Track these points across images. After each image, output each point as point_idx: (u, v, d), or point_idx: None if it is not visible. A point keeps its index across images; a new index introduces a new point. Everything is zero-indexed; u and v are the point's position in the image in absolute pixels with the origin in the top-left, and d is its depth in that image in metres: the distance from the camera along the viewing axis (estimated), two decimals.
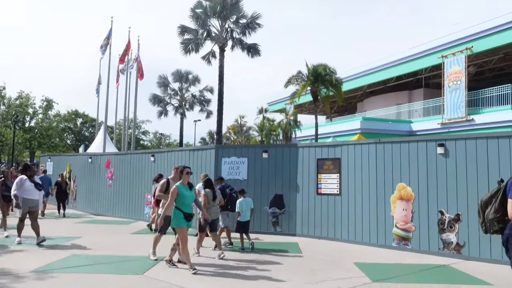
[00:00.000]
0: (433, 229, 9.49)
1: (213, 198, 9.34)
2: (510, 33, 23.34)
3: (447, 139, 9.61)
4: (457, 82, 25.90)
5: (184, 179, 7.77)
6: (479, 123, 24.42)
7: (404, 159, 10.09)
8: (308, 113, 46.61)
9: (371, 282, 7.05)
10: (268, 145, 14.19)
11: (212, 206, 9.31)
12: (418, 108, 31.19)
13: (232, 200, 10.20)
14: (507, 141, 8.69)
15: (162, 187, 8.73)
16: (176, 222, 7.59)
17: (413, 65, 29.86)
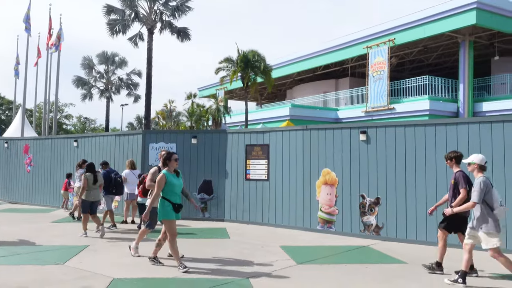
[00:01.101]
0: (355, 212, 9.94)
1: (94, 182, 9.86)
2: (429, 27, 24.74)
3: (369, 127, 10.05)
4: (381, 72, 27.11)
5: (171, 166, 6.95)
6: (400, 112, 25.78)
7: (329, 146, 10.44)
8: (238, 99, 46.76)
9: (296, 264, 7.26)
10: (197, 131, 14.08)
11: (93, 189, 9.88)
12: (344, 96, 32.31)
13: (117, 185, 11.01)
14: (422, 129, 9.26)
15: (153, 176, 7.84)
16: (164, 214, 6.77)
17: (340, 54, 30.81)
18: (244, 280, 6.22)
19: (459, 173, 6.60)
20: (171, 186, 6.81)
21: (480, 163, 6.13)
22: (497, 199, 5.92)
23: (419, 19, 25.12)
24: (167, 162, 6.95)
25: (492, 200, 5.90)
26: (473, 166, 6.20)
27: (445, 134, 8.98)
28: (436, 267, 6.70)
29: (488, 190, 5.92)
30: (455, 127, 8.94)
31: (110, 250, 8.21)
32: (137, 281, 6.12)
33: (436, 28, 24.44)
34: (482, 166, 6.13)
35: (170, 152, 7.07)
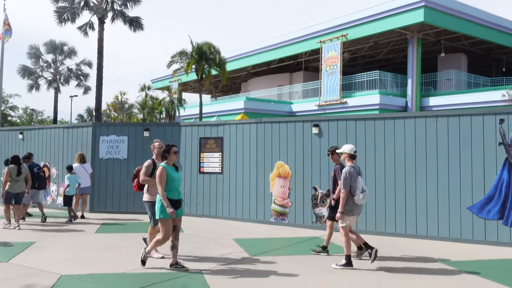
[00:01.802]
0: (307, 204, 10.11)
1: (18, 174, 9.89)
2: (380, 23, 25.43)
3: (321, 120, 10.23)
4: (333, 67, 27.62)
5: (171, 160, 6.42)
6: (352, 106, 26.41)
7: (283, 139, 10.54)
8: (193, 91, 46.30)
9: (249, 256, 7.31)
10: (149, 123, 13.86)
11: (17, 181, 9.90)
12: (298, 90, 32.70)
13: (40, 179, 10.94)
14: (372, 122, 9.52)
15: (147, 170, 7.09)
16: (162, 212, 6.22)
17: (294, 48, 31.13)
18: (197, 274, 6.20)
19: (337, 166, 7.22)
20: (171, 180, 6.29)
21: (350, 153, 6.73)
22: (360, 186, 6.51)
23: (370, 16, 25.76)
24: (166, 155, 6.40)
25: (355, 187, 6.50)
26: (344, 156, 6.81)
27: (393, 128, 9.28)
28: (321, 250, 7.42)
29: (354, 177, 6.51)
30: (403, 121, 9.25)
31: (58, 247, 7.96)
32: (85, 277, 5.96)
33: (386, 25, 25.15)
34: (352, 155, 6.73)
35: (170, 144, 6.49)
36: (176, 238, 6.43)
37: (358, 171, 6.71)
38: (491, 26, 26.09)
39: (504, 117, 8.35)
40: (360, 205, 6.67)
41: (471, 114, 8.76)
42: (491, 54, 30.19)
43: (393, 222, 9.14)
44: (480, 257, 7.31)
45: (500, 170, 8.31)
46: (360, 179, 6.61)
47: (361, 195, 6.49)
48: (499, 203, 8.27)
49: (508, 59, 30.78)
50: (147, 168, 7.12)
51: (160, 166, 6.32)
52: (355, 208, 6.60)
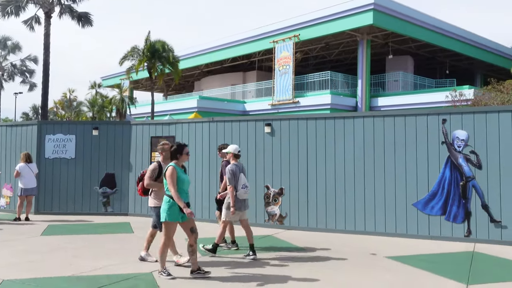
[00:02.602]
0: (259, 202, 10.17)
1: None
2: (331, 25, 25.95)
3: (273, 119, 10.32)
4: (286, 67, 27.93)
5: (182, 160, 6.09)
6: (304, 105, 26.79)
7: (235, 138, 10.54)
8: (145, 89, 45.45)
9: (200, 256, 7.26)
10: (98, 122, 13.50)
11: None
12: (251, 89, 32.83)
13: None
14: (323, 122, 9.70)
15: (153, 173, 6.69)
16: (170, 215, 5.85)
17: (247, 48, 31.22)
18: (147, 274, 6.10)
19: (223, 163, 7.76)
20: (181, 182, 5.92)
21: (234, 152, 7.31)
22: (242, 183, 7.13)
23: (322, 17, 26.24)
24: (177, 156, 6.02)
25: (237, 183, 7.10)
26: (229, 155, 7.37)
27: (343, 127, 9.50)
28: (232, 244, 7.82)
29: (236, 174, 7.10)
30: (352, 120, 9.50)
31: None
32: (29, 282, 5.72)
33: (337, 26, 25.70)
34: (236, 154, 7.32)
35: (182, 144, 6.13)
36: (196, 241, 6.07)
37: (241, 169, 7.28)
38: (436, 30, 27.22)
39: (446, 117, 8.74)
40: (243, 200, 7.22)
41: (416, 114, 9.11)
42: (435, 57, 31.51)
43: (343, 220, 9.35)
44: (423, 251, 7.62)
45: (443, 167, 8.69)
46: (243, 176, 7.21)
47: (243, 190, 7.12)
48: (442, 199, 8.65)
49: (452, 62, 32.23)
50: (153, 172, 6.70)
51: (169, 166, 5.92)
52: (238, 202, 7.11)
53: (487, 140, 8.39)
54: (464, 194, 8.49)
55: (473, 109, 9.17)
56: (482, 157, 8.41)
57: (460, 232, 8.47)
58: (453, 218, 8.55)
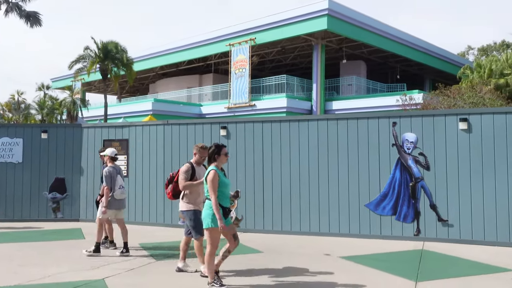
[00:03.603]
0: None
1: None
2: (286, 29, 26.21)
3: (229, 122, 10.31)
4: (242, 70, 27.97)
5: (221, 162, 5.78)
6: (260, 108, 26.91)
7: (191, 141, 10.44)
8: (97, 91, 44.27)
9: (155, 261, 7.16)
10: (48, 125, 13.03)
11: None
12: (207, 92, 32.66)
13: None
14: (278, 125, 9.79)
15: (186, 175, 6.30)
16: (214, 220, 5.52)
17: (204, 50, 31.03)
18: (98, 281, 5.93)
19: (104, 166, 8.01)
20: (223, 186, 5.66)
21: (110, 155, 7.73)
22: (118, 184, 7.57)
23: (278, 21, 26.46)
24: (215, 157, 5.74)
25: (114, 184, 7.53)
26: (107, 158, 7.76)
27: (298, 130, 9.62)
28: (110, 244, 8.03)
29: (113, 176, 7.53)
30: (307, 123, 9.63)
31: None
32: None
33: (293, 31, 26.00)
34: (112, 157, 7.73)
35: (220, 145, 5.84)
36: (234, 249, 5.85)
37: (118, 171, 7.71)
38: (387, 36, 28.06)
39: (396, 120, 9.03)
40: (120, 200, 7.63)
41: (368, 117, 9.36)
42: (387, 62, 32.47)
43: (298, 221, 9.46)
44: (375, 251, 7.82)
45: (393, 169, 8.97)
46: (119, 177, 7.64)
47: (119, 191, 7.54)
48: (392, 200, 8.92)
49: (402, 67, 33.32)
50: (186, 174, 6.33)
51: (211, 170, 5.60)
52: (115, 202, 7.56)
53: (434, 142, 8.73)
54: (413, 195, 8.79)
55: (422, 113, 9.51)
56: (430, 159, 8.74)
57: (410, 232, 8.76)
58: (403, 218, 8.83)
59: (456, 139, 8.61)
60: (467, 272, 6.39)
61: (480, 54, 47.59)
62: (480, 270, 6.51)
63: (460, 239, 8.41)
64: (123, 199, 7.71)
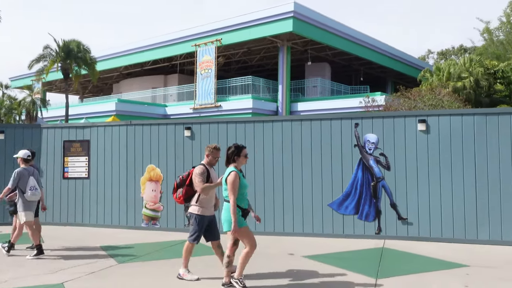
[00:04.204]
0: (180, 207, 10.02)
1: None
2: (252, 30, 26.29)
3: (193, 123, 10.25)
4: (208, 71, 27.86)
5: (240, 164, 5.76)
6: (226, 109, 26.87)
7: (154, 141, 10.33)
8: (59, 91, 43.11)
9: (117, 264, 7.03)
10: (5, 125, 12.58)
11: None
12: (173, 92, 32.35)
13: None
14: (243, 125, 9.81)
15: (203, 177, 6.07)
16: (238, 222, 5.51)
17: (169, 50, 30.74)
18: (57, 285, 5.78)
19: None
20: (242, 188, 5.65)
21: (23, 157, 7.76)
22: (30, 185, 7.55)
23: (244, 22, 26.52)
24: (235, 158, 5.71)
25: (25, 185, 7.52)
26: (19, 159, 7.81)
27: (262, 131, 9.67)
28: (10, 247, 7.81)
29: (21, 177, 7.53)
30: (271, 124, 9.70)
31: None
32: None
33: (259, 32, 26.11)
34: (25, 159, 7.77)
35: (240, 146, 5.81)
36: (234, 253, 5.73)
37: (31, 172, 7.68)
38: (351, 39, 28.59)
39: (358, 122, 9.21)
40: (32, 202, 7.60)
41: (331, 118, 9.51)
42: (351, 64, 33.08)
43: (262, 221, 9.49)
44: (338, 249, 7.95)
45: (356, 169, 9.15)
46: (32, 178, 7.61)
47: (30, 192, 7.49)
48: (355, 199, 9.10)
49: (366, 70, 34.01)
50: (203, 176, 6.07)
51: (232, 172, 5.57)
52: (29, 204, 7.55)
53: (394, 143, 8.96)
54: (375, 194, 8.99)
55: (382, 114, 9.75)
56: (390, 159, 8.96)
57: (371, 230, 8.96)
58: (365, 217, 9.01)
59: (415, 139, 8.86)
60: (425, 268, 6.59)
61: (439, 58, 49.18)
62: (437, 266, 6.72)
63: (419, 236, 8.66)
64: (35, 200, 7.68)
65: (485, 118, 8.57)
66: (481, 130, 8.53)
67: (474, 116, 8.67)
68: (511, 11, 42.71)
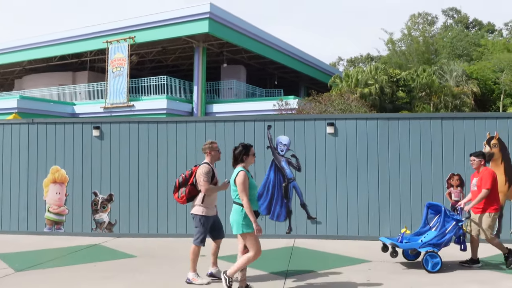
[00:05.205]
0: (86, 210, 9.56)
1: None
2: (167, 29, 25.82)
3: (102, 122, 9.81)
4: (121, 69, 26.90)
5: (248, 163, 5.50)
6: (139, 109, 26.10)
7: (59, 141, 9.75)
8: None
9: (14, 272, 6.53)
10: None
11: None
12: (82, 90, 30.79)
13: None
14: (155, 126, 9.58)
15: (208, 176, 5.86)
16: (247, 225, 5.25)
17: (78, 46, 29.21)
18: None
19: None
20: (252, 188, 5.39)
21: None
22: None
23: (159, 21, 25.96)
24: (243, 158, 5.46)
25: None
26: None
27: (175, 131, 9.52)
28: None
29: None
30: (185, 125, 9.57)
31: None
32: None
33: (174, 32, 25.71)
34: None
35: (247, 145, 5.55)
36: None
37: None
38: (266, 43, 29.15)
39: (271, 124, 9.40)
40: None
41: (245, 120, 9.61)
42: (266, 68, 33.73)
43: (174, 224, 9.34)
44: None
45: (268, 170, 9.32)
46: None
47: None
48: (267, 200, 9.26)
49: (280, 74, 34.88)
50: (208, 175, 5.87)
51: (241, 172, 5.33)
52: None
53: (305, 145, 9.26)
54: (286, 195, 9.22)
55: (294, 117, 10.05)
56: (301, 160, 9.25)
57: (282, 230, 9.18)
58: (276, 217, 9.21)
59: (324, 142, 9.22)
60: (331, 265, 6.88)
61: (348, 65, 51.91)
62: (342, 263, 7.05)
63: (327, 235, 9.03)
64: None
65: (387, 122, 9.15)
66: (383, 134, 9.11)
67: (377, 120, 9.23)
68: (411, 25, 46.26)
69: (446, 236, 6.64)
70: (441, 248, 6.64)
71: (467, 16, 50.99)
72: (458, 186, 8.91)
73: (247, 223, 5.29)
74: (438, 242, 6.61)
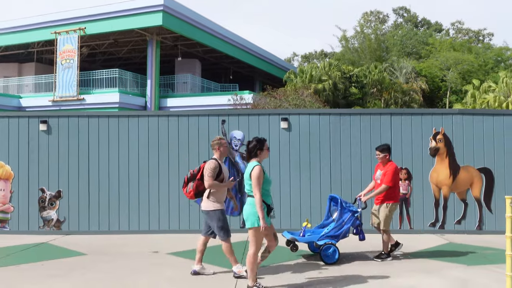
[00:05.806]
0: (33, 207, 9.21)
1: None
2: (119, 21, 25.16)
3: (50, 116, 9.46)
4: (70, 61, 25.99)
5: (263, 157, 5.42)
6: (90, 103, 25.34)
7: (3, 136, 9.32)
8: None
9: None
10: None
11: None
12: (29, 83, 29.53)
13: None
14: (106, 120, 9.34)
15: (214, 173, 5.85)
16: (258, 219, 5.14)
17: (24, 36, 27.95)
18: None
19: None
20: (266, 183, 5.32)
21: None
22: None
23: (110, 12, 25.24)
24: (257, 152, 5.38)
25: None
26: None
27: (127, 126, 9.31)
28: None
29: None
30: (137, 119, 9.39)
31: None
32: None
33: (126, 24, 25.10)
34: None
35: (261, 139, 5.46)
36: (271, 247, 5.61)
37: None
38: (221, 37, 28.99)
39: (225, 118, 9.38)
40: None
41: (199, 114, 9.54)
42: (221, 62, 33.57)
43: (127, 220, 9.17)
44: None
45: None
46: None
47: None
48: None
49: (235, 68, 34.81)
50: (214, 171, 5.86)
51: (256, 166, 5.24)
52: None
53: None
54: (240, 189, 9.23)
55: (248, 112, 10.08)
56: None
57: (236, 224, 9.20)
58: (230, 211, 9.21)
59: (278, 136, 9.31)
60: (288, 258, 6.94)
61: (303, 61, 52.51)
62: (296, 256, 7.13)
63: (281, 229, 9.07)
64: None
65: (339, 118, 9.35)
66: (335, 129, 9.29)
67: (330, 116, 9.41)
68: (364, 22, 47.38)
69: (344, 228, 6.83)
70: (339, 240, 6.81)
71: (416, 16, 52.75)
72: (406, 180, 9.24)
73: (258, 218, 5.22)
74: (336, 234, 6.78)
